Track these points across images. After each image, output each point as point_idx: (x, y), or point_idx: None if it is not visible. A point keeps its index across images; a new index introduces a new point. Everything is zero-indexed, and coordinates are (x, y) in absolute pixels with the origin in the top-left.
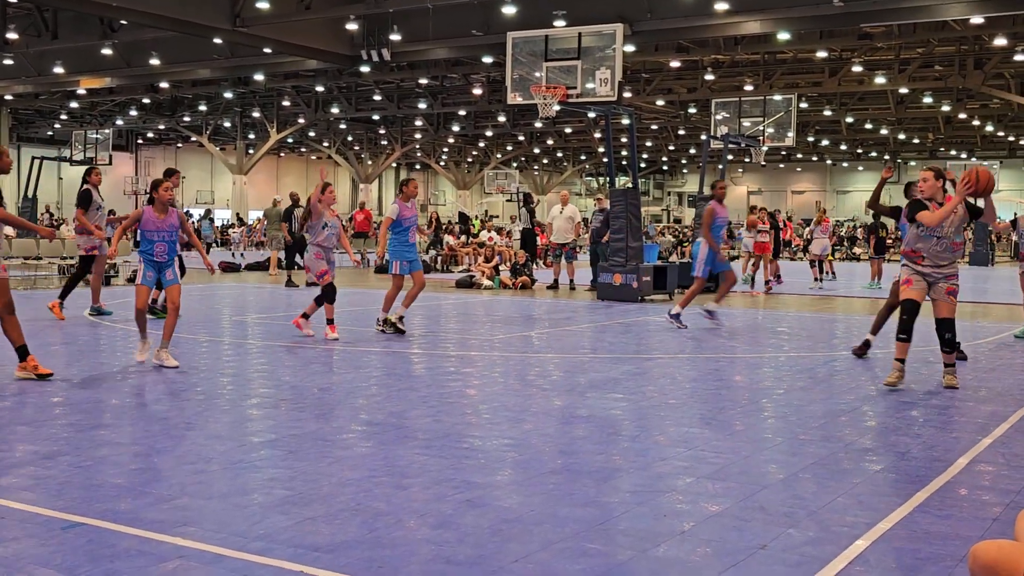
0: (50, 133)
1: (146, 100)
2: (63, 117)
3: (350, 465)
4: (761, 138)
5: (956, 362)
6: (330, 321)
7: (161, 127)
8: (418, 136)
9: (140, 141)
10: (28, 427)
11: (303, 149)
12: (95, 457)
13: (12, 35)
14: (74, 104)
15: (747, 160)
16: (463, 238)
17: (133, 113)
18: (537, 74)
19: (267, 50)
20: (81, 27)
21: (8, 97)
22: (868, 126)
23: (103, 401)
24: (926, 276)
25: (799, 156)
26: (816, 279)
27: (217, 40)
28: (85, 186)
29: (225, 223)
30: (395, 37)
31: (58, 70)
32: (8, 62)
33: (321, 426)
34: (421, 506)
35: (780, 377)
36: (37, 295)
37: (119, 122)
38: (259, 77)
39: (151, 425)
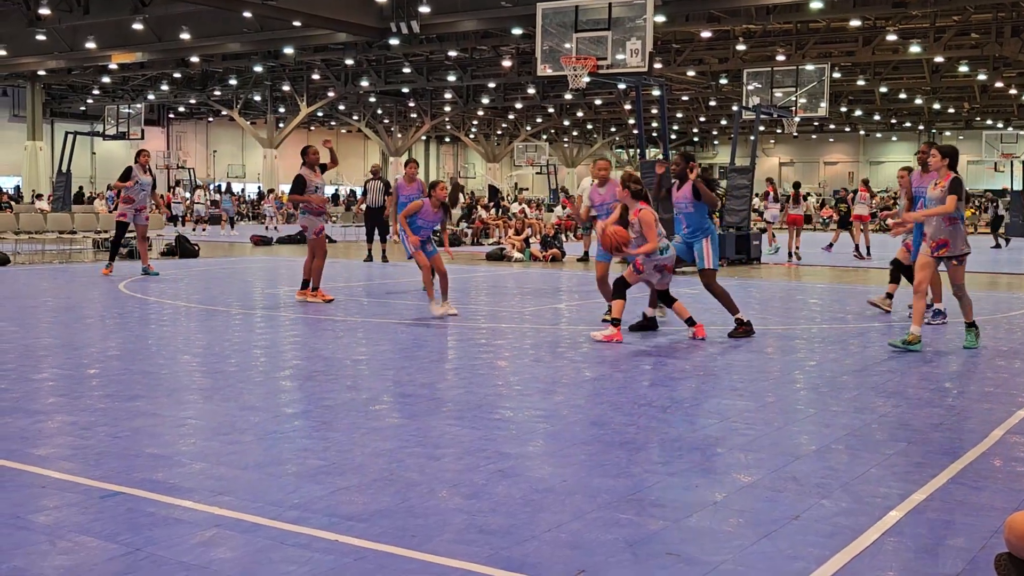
0: (83, 108)
1: (177, 75)
2: (95, 92)
3: (383, 436)
4: (793, 108)
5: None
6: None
7: (192, 101)
8: (447, 109)
9: (171, 116)
10: (66, 398)
11: (333, 123)
12: (132, 428)
13: (44, 11)
14: (106, 79)
15: (779, 131)
16: (494, 211)
17: (164, 88)
18: (567, 45)
19: (297, 23)
20: (112, 2)
21: (41, 72)
22: (902, 96)
23: (137, 372)
24: None
25: (832, 127)
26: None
27: (247, 14)
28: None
29: (252, 197)
30: (424, 9)
31: (90, 45)
32: (41, 38)
33: (353, 397)
34: (453, 476)
35: (812, 348)
36: (73, 268)
37: (151, 97)
38: (289, 51)
39: (186, 396)
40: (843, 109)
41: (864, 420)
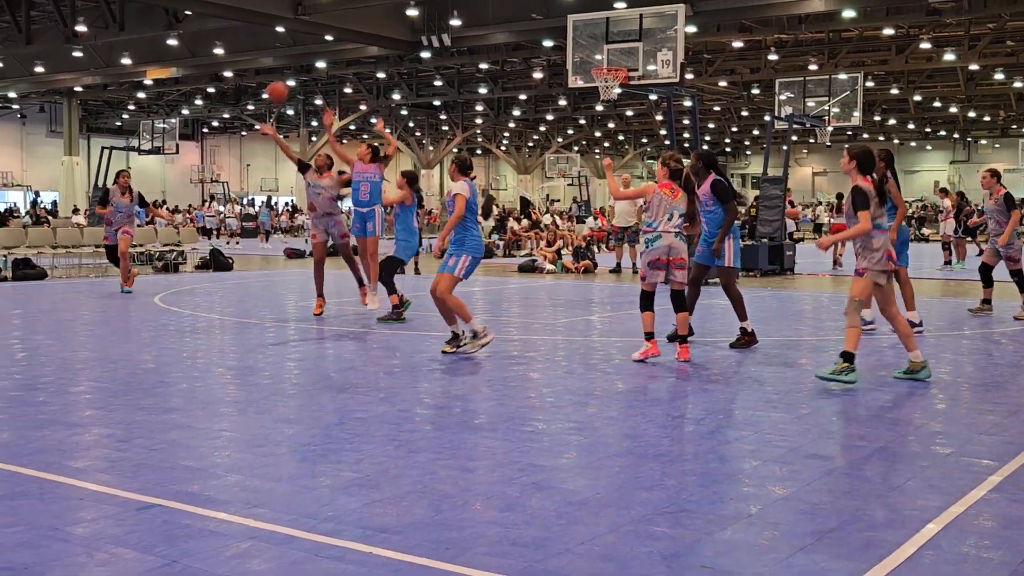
0: (119, 123)
1: (211, 89)
2: (131, 107)
3: (416, 448)
4: (826, 118)
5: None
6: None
7: (226, 116)
8: (479, 121)
9: (205, 130)
10: (102, 411)
11: (365, 136)
12: (167, 440)
13: (81, 28)
14: (141, 94)
15: (812, 141)
16: (525, 222)
17: (198, 102)
18: (598, 57)
19: (329, 37)
20: (147, 19)
21: (78, 89)
22: (937, 104)
23: (173, 385)
24: None
25: (865, 136)
26: (947, 262)
27: (280, 29)
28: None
29: (284, 208)
30: (455, 22)
31: (125, 61)
32: (77, 54)
33: (386, 409)
34: (487, 488)
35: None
36: (109, 281)
37: (185, 111)
38: (321, 65)
39: (220, 408)
40: (877, 118)
41: (899, 432)
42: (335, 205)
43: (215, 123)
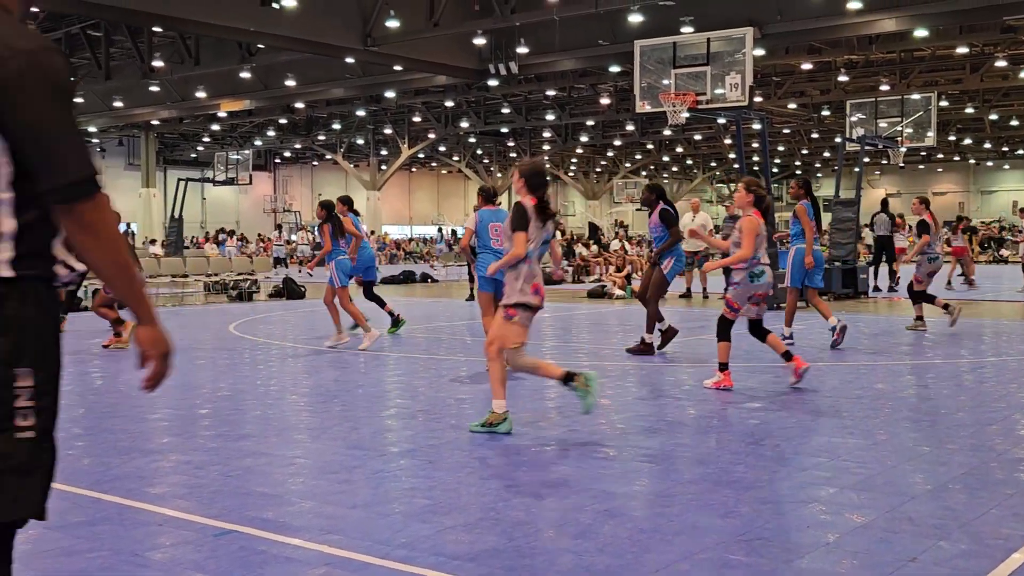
0: (194, 155)
1: (283, 120)
2: (205, 139)
3: (487, 474)
4: (899, 139)
5: None
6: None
7: (297, 146)
8: (546, 147)
9: (278, 160)
10: (180, 438)
11: (434, 164)
12: (243, 467)
13: (158, 63)
14: (215, 127)
15: (884, 162)
16: (594, 248)
17: (271, 133)
18: (665, 81)
19: (398, 68)
20: (221, 53)
21: (155, 122)
22: (1014, 123)
23: (247, 412)
24: None
25: (940, 156)
26: None
27: (349, 60)
28: None
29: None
30: (522, 50)
31: (200, 95)
32: (154, 89)
33: (457, 436)
34: (559, 515)
35: (924, 385)
36: (185, 311)
37: (258, 143)
38: (390, 94)
39: (294, 435)
40: (951, 138)
41: (982, 458)
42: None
43: (287, 153)
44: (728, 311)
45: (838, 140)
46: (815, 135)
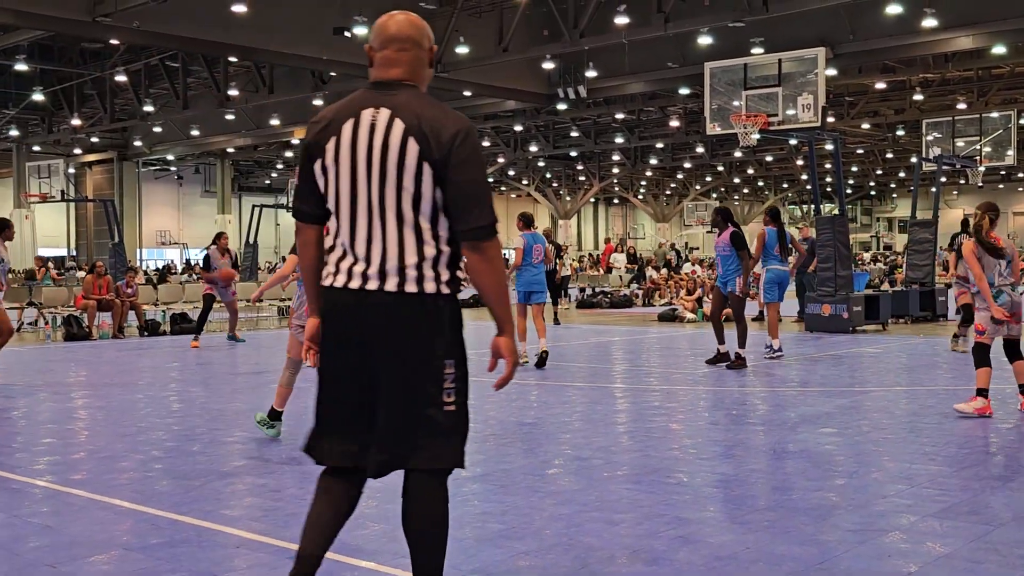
0: (267, 182)
1: None
2: (279, 166)
3: (560, 500)
4: (978, 158)
5: None
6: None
7: None
8: (615, 170)
9: None
10: (255, 460)
11: (503, 188)
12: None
13: (233, 92)
14: (289, 153)
15: (962, 182)
16: (665, 271)
17: None
18: (736, 103)
19: (467, 93)
20: (295, 81)
21: (230, 150)
22: None
23: None
24: None
25: (1020, 175)
26: None
27: None
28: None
29: None
30: (591, 74)
31: (274, 122)
32: (229, 117)
33: (529, 461)
34: (632, 541)
35: (1007, 411)
36: (260, 335)
37: None
38: None
39: None
40: None
41: None
42: None
43: None
44: (978, 336)
45: (914, 160)
46: (889, 155)
